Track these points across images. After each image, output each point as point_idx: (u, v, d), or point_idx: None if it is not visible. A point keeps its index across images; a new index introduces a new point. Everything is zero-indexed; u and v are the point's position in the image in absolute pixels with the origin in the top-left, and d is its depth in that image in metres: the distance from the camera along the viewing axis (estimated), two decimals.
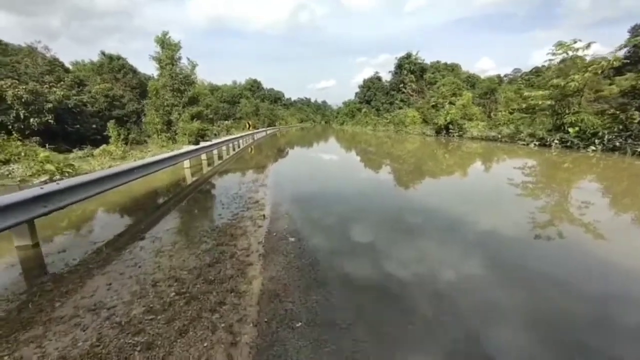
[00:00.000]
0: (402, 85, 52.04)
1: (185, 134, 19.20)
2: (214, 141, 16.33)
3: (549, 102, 13.41)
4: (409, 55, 54.91)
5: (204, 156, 14.51)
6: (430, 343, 2.43)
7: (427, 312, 2.81)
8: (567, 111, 12.89)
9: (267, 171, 10.99)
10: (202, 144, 14.46)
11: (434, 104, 34.50)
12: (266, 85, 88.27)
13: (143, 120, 20.85)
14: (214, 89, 68.28)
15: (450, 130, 21.73)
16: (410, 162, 12.98)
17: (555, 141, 13.34)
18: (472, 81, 49.26)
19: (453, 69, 56.75)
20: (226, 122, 35.50)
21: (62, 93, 22.53)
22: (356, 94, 68.55)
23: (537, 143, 14.56)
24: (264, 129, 45.04)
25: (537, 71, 63.84)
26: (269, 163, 13.50)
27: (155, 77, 21.47)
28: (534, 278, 3.42)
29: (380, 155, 15.72)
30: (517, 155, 12.77)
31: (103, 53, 35.59)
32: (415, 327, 2.61)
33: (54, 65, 30.28)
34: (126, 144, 17.91)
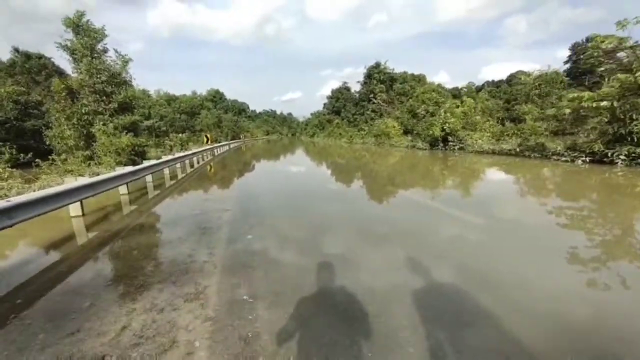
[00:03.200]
0: (372, 95, 49.21)
1: (110, 152, 13.37)
2: (149, 163, 10.90)
3: (604, 104, 9.96)
4: (378, 65, 52.45)
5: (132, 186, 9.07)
6: None
7: None
8: (636, 115, 9.51)
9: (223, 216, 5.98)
10: (133, 168, 9.06)
11: (413, 112, 31.42)
12: (230, 96, 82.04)
13: (46, 133, 14.48)
14: (171, 99, 61.00)
15: (450, 143, 18.11)
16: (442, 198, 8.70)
17: (622, 156, 9.83)
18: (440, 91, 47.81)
19: (420, 79, 55.20)
20: (181, 135, 29.16)
21: None
22: (324, 104, 64.97)
23: (586, 159, 11.05)
24: (226, 142, 39.24)
25: (503, 82, 64.87)
26: (230, 191, 8.46)
27: (72, 73, 15.34)
28: None
29: (380, 180, 11.33)
30: (595, 183, 8.80)
31: (16, 50, 28.00)
32: None
33: None
34: (15, 166, 11.76)
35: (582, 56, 44.69)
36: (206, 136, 26.48)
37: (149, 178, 11.11)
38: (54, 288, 3.41)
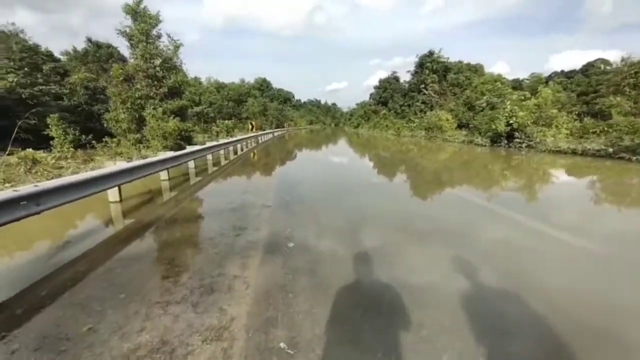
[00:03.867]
0: (423, 86, 46.01)
1: (158, 136, 13.54)
2: (192, 148, 10.69)
3: None
4: (431, 54, 48.75)
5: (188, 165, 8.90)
6: None
7: None
8: None
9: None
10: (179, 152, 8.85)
11: (470, 105, 28.46)
12: (276, 85, 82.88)
13: (104, 116, 15.12)
14: (220, 86, 63.13)
15: (516, 139, 15.69)
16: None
17: None
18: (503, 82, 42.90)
19: (477, 70, 50.27)
20: (227, 121, 29.64)
21: (14, 79, 17.13)
22: (371, 95, 62.57)
23: None
24: (270, 130, 39.43)
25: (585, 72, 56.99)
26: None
27: (129, 58, 15.82)
28: None
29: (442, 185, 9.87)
30: None
31: (89, 40, 30.30)
32: None
33: (33, 52, 24.95)
34: (77, 147, 12.38)
35: None
36: (251, 123, 26.53)
37: (191, 164, 10.93)
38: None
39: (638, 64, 23.07)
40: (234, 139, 17.07)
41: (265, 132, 32.78)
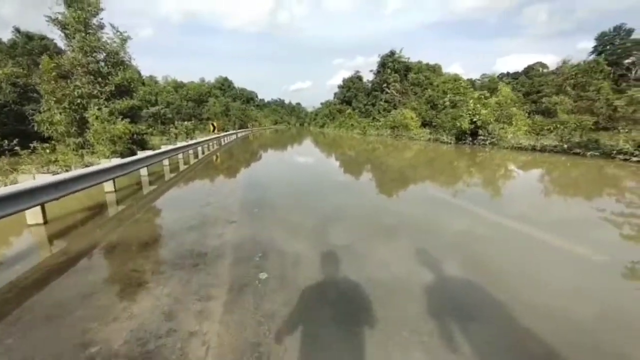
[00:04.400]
0: (385, 85, 46.90)
1: (104, 141, 11.84)
2: (145, 154, 9.36)
3: None
4: (392, 53, 49.86)
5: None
6: None
7: None
8: None
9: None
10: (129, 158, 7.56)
11: (433, 103, 29.26)
12: (238, 84, 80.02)
13: (34, 117, 12.95)
14: (178, 85, 59.36)
15: (480, 137, 16.14)
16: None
17: None
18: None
19: (435, 70, 52.40)
20: (186, 123, 27.61)
21: None
22: (335, 94, 62.75)
23: None
24: (234, 131, 37.65)
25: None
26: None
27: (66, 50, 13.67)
28: None
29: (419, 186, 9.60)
30: None
31: (17, 30, 26.53)
32: None
33: None
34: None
35: (608, 47, 41.51)
36: (212, 124, 24.89)
37: (143, 172, 9.61)
38: None
39: (577, 66, 25.23)
40: (194, 141, 15.66)
41: (228, 133, 31.10)
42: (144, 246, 4.06)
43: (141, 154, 9.33)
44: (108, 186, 7.49)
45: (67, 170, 9.58)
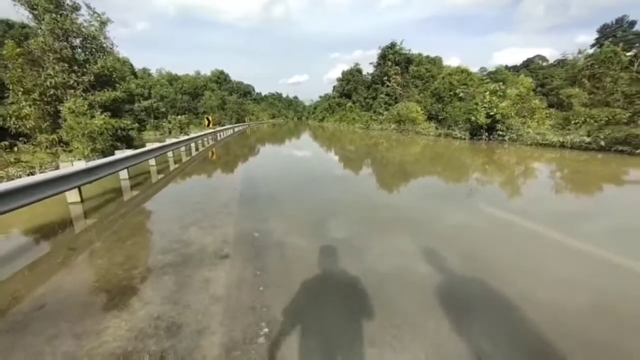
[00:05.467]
0: (386, 77, 45.19)
1: (82, 137, 10.22)
2: (124, 154, 7.81)
3: None
4: (393, 45, 48.05)
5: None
6: None
7: None
8: None
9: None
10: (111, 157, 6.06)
11: (439, 96, 27.72)
12: (235, 78, 77.68)
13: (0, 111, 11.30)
14: (173, 78, 57.08)
15: (499, 132, 14.66)
16: None
17: None
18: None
19: (435, 62, 50.70)
20: (179, 117, 25.88)
21: None
22: (334, 87, 60.86)
23: None
24: (230, 125, 35.90)
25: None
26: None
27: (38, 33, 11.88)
28: None
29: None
30: None
31: None
32: None
33: None
34: None
35: (610, 39, 40.11)
36: (207, 119, 23.18)
37: (123, 174, 8.07)
38: None
39: (594, 56, 23.74)
40: (185, 137, 14.06)
41: (224, 127, 29.41)
42: (84, 309, 2.57)
43: (119, 154, 7.80)
44: (72, 196, 5.99)
45: (30, 174, 8.05)
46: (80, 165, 5.89)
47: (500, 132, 14.62)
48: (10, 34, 24.93)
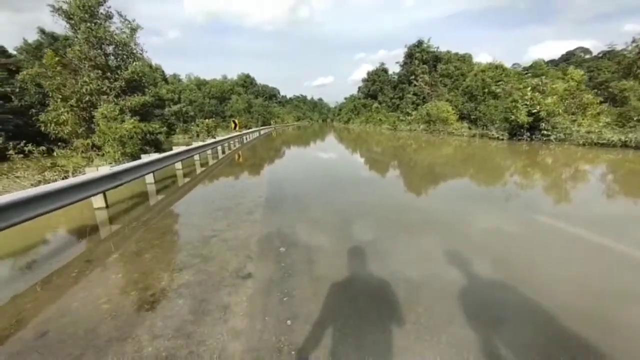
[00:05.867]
0: (413, 77, 43.66)
1: (112, 141, 10.41)
2: (149, 158, 7.74)
3: None
4: (420, 43, 46.47)
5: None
6: None
7: None
8: None
9: None
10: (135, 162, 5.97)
11: (471, 94, 26.17)
12: (260, 81, 79.03)
13: (38, 117, 11.79)
14: (201, 83, 59.03)
15: (543, 131, 13.30)
16: None
17: None
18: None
19: (465, 59, 48.25)
20: (207, 120, 26.38)
21: None
22: (359, 88, 60.08)
23: None
24: (256, 128, 36.24)
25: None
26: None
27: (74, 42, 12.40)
28: None
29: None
30: None
31: (42, 31, 26.29)
32: None
33: None
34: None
35: None
36: (234, 122, 23.39)
37: (149, 178, 8.00)
38: None
39: None
40: (212, 141, 14.06)
41: (250, 130, 29.67)
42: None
43: (145, 158, 7.73)
44: (98, 201, 5.89)
45: (64, 178, 8.19)
46: (104, 170, 5.75)
47: (545, 132, 13.24)
48: (55, 45, 26.79)
